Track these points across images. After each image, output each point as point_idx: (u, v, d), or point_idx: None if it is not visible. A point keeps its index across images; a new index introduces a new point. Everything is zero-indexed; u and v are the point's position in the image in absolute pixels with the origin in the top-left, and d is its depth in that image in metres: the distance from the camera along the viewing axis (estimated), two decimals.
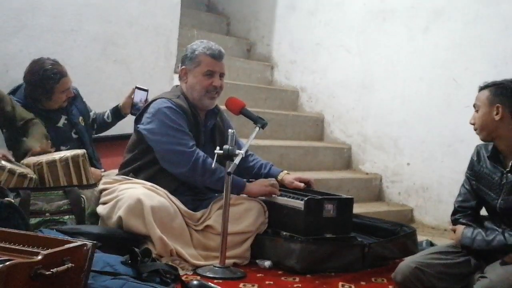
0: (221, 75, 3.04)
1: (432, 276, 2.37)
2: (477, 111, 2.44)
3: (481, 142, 2.51)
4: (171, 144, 2.88)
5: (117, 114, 3.59)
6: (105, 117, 3.61)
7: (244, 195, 3.01)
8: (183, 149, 2.88)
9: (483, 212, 2.55)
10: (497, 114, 2.36)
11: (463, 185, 2.57)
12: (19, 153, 3.08)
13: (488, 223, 2.44)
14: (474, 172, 2.50)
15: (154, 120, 2.92)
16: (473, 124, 2.45)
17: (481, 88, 2.46)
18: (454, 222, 2.53)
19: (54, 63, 3.24)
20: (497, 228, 2.34)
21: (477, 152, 2.52)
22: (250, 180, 3.11)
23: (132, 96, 3.49)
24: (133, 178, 2.94)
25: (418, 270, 2.38)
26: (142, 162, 2.98)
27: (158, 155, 2.94)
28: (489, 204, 2.44)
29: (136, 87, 3.50)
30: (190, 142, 2.90)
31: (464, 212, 2.51)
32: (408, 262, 2.45)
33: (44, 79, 3.19)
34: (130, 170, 3.00)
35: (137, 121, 3.04)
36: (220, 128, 3.14)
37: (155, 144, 2.93)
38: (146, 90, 3.48)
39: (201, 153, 2.90)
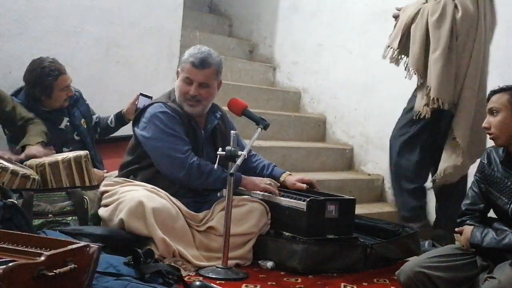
0: (202, 85, 2.94)
1: (436, 279, 2.35)
2: (494, 115, 2.38)
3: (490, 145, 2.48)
4: (166, 149, 2.89)
5: (121, 119, 3.60)
6: (109, 121, 3.61)
7: (247, 196, 3.02)
8: (177, 154, 2.88)
9: (491, 214, 2.54)
10: None
11: (471, 187, 2.54)
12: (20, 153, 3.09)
13: (497, 224, 2.42)
14: (484, 175, 2.47)
15: (149, 125, 2.93)
16: (488, 128, 2.39)
17: (495, 92, 2.40)
18: (461, 224, 2.52)
19: (52, 61, 3.25)
20: (507, 229, 2.33)
21: (488, 156, 2.48)
22: None
23: (136, 103, 3.49)
24: (134, 180, 2.95)
25: (422, 274, 2.36)
26: (141, 165, 2.99)
27: (154, 161, 2.94)
28: (501, 208, 2.41)
29: (141, 94, 3.50)
30: (184, 147, 2.91)
31: (472, 214, 2.50)
32: (412, 265, 2.43)
33: (42, 76, 3.20)
34: (130, 172, 3.01)
35: (134, 124, 3.04)
36: (221, 130, 3.13)
37: (150, 149, 2.94)
38: (150, 97, 3.48)
39: (195, 157, 2.90)
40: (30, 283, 1.58)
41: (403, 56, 3.62)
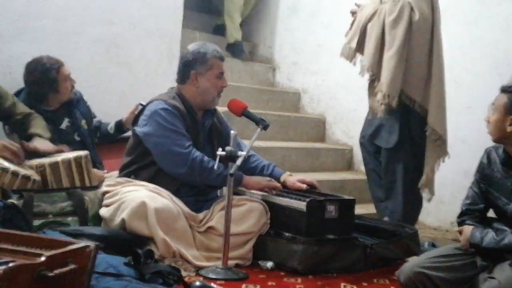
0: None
1: (436, 279, 2.36)
2: (492, 112, 2.39)
3: (490, 145, 2.48)
4: (168, 145, 2.90)
5: (120, 127, 3.59)
6: (109, 128, 3.61)
7: (246, 196, 3.02)
8: (180, 150, 2.89)
9: (490, 214, 2.54)
10: (510, 125, 2.32)
11: (471, 187, 2.55)
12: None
13: (497, 224, 2.42)
14: (484, 175, 2.48)
15: (150, 122, 2.94)
16: (488, 122, 2.42)
17: (503, 90, 2.39)
18: (461, 224, 2.52)
19: (49, 57, 3.28)
20: (507, 229, 2.33)
21: (487, 155, 2.48)
22: None
23: (136, 112, 3.49)
24: (135, 180, 2.95)
25: (422, 274, 2.37)
26: (141, 165, 2.99)
27: (155, 157, 2.95)
28: (500, 209, 2.42)
29: (140, 104, 3.50)
30: (186, 142, 2.92)
31: (471, 214, 2.50)
32: (412, 265, 2.44)
33: (45, 72, 3.22)
34: (131, 172, 3.01)
35: (134, 124, 3.06)
36: (217, 128, 3.15)
37: (152, 146, 2.94)
38: None
39: (198, 153, 2.91)
40: (30, 284, 1.59)
41: (357, 54, 3.67)
